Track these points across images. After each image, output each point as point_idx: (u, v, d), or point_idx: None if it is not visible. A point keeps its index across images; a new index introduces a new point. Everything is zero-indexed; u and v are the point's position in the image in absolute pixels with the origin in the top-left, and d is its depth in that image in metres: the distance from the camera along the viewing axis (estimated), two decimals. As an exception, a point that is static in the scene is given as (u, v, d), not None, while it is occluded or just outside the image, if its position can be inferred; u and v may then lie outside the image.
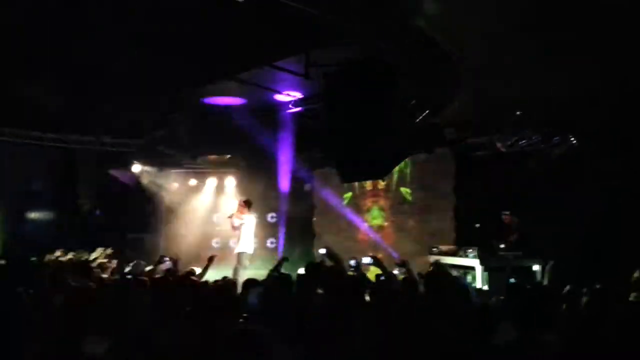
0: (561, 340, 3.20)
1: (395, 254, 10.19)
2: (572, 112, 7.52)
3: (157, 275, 5.89)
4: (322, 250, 6.09)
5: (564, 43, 5.64)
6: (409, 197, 10.91)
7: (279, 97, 8.81)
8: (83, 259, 7.71)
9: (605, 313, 3.88)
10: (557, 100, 7.23)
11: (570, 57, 5.98)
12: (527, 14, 5.10)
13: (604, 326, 3.37)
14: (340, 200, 11.86)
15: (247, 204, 9.68)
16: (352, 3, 5.18)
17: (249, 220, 9.58)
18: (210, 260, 6.46)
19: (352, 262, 5.85)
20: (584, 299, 4.24)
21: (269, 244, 12.40)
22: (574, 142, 7.88)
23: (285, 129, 9.91)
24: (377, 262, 5.62)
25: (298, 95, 8.68)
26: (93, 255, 8.01)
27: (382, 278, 5.45)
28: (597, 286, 4.28)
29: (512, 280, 7.14)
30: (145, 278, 5.41)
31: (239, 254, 9.23)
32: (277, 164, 11.41)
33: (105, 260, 7.66)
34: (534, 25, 5.33)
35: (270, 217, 12.63)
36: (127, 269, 6.74)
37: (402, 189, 10.94)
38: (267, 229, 12.22)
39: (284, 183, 11.99)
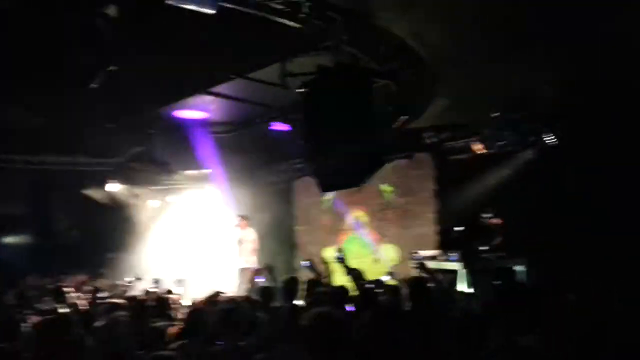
0: (546, 344, 3.18)
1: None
2: (549, 111, 7.61)
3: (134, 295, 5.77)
4: (306, 263, 6.07)
5: (539, 44, 5.70)
6: (389, 196, 10.87)
7: (257, 109, 8.75)
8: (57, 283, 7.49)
9: (590, 315, 3.87)
10: (533, 100, 7.31)
11: (544, 56, 6.05)
12: (499, 15, 5.15)
13: (590, 328, 3.35)
14: (321, 210, 11.82)
15: (245, 219, 9.70)
16: (327, 12, 5.18)
17: (250, 235, 9.50)
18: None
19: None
20: (569, 300, 4.24)
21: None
22: (550, 141, 7.96)
23: (263, 140, 9.88)
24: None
25: (274, 105, 8.63)
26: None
27: (367, 286, 5.43)
28: (581, 288, 4.28)
29: (496, 282, 7.13)
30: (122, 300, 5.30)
31: (243, 270, 9.10)
32: (256, 176, 11.35)
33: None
34: (508, 27, 5.37)
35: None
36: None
37: (382, 187, 10.89)
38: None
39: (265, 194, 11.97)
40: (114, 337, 3.81)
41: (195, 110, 8.75)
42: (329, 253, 10.36)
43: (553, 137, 7.89)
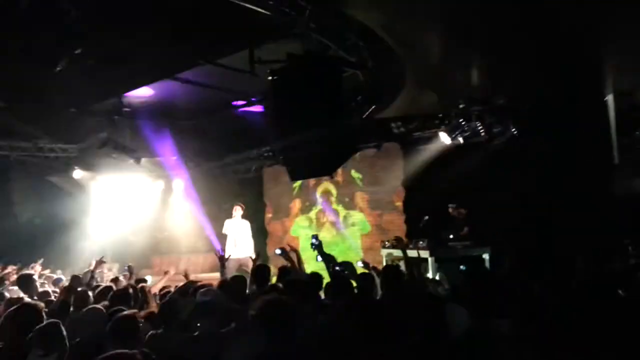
0: (514, 326, 3.27)
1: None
2: (513, 101, 7.77)
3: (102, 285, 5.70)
4: (278, 251, 6.08)
5: (503, 35, 5.80)
6: (360, 182, 10.94)
7: (225, 96, 8.65)
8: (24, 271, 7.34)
9: (554, 298, 4.00)
10: (498, 90, 7.45)
11: (510, 47, 6.17)
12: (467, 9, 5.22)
13: (555, 311, 3.46)
14: (291, 199, 11.83)
15: (242, 208, 9.81)
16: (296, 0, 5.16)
17: (246, 224, 9.72)
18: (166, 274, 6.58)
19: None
20: (535, 286, 4.36)
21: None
22: (515, 131, 8.13)
23: (232, 128, 9.80)
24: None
25: (246, 92, 8.56)
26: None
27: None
28: (546, 273, 4.41)
29: (462, 267, 7.27)
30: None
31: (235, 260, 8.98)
32: (224, 163, 11.26)
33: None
34: (475, 17, 5.45)
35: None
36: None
37: (353, 172, 10.95)
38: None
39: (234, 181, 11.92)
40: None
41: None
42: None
43: (516, 128, 8.06)
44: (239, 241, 9.57)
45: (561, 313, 3.37)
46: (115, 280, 6.94)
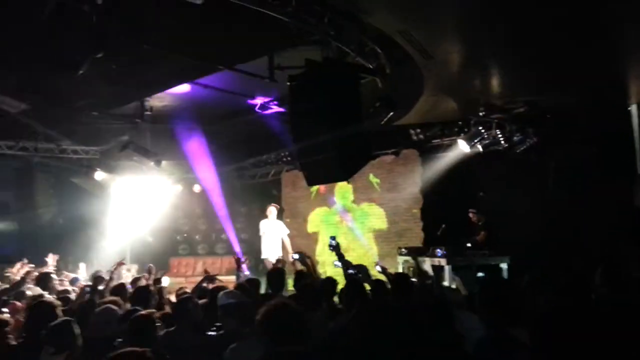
0: (530, 335, 3.23)
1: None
2: (533, 109, 7.70)
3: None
4: (295, 255, 6.06)
5: (524, 43, 5.75)
6: (378, 187, 10.91)
7: (246, 101, 8.73)
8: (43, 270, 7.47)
9: (569, 308, 3.93)
10: (518, 99, 7.39)
11: (529, 58, 6.11)
12: (488, 12, 5.18)
13: (571, 321, 3.41)
14: (309, 203, 11.86)
15: (278, 209, 9.92)
16: (314, 7, 5.19)
17: (283, 226, 9.87)
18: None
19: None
20: (554, 296, 4.30)
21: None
22: (534, 140, 8.05)
23: (251, 132, 9.87)
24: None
25: (265, 98, 8.62)
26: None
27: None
28: (561, 282, 4.34)
29: (480, 274, 7.20)
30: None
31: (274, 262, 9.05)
32: (242, 167, 11.35)
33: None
34: (495, 25, 5.41)
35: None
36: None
37: (371, 177, 10.93)
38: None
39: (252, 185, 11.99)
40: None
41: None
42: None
43: (537, 137, 7.98)
44: (275, 242, 9.59)
45: (581, 324, 3.32)
46: (135, 280, 7.04)
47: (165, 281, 6.99)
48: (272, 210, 9.87)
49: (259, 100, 8.54)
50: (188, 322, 3.94)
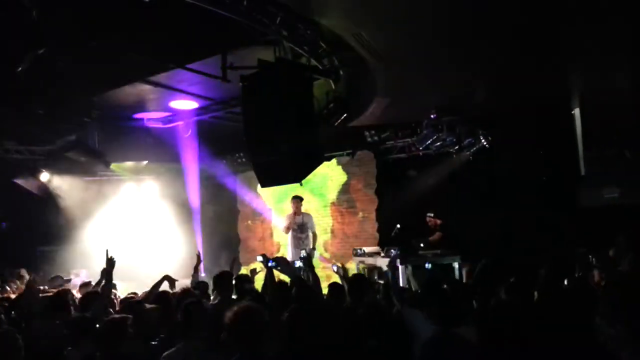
0: (478, 335, 3.29)
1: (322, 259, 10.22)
2: (484, 112, 7.90)
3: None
4: (259, 258, 5.95)
5: (476, 49, 5.89)
6: (333, 189, 10.90)
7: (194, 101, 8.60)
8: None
9: (517, 307, 4.03)
10: (470, 102, 7.55)
11: (482, 62, 6.26)
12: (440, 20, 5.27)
13: (518, 319, 3.49)
14: (263, 204, 11.77)
15: (300, 201, 9.10)
16: (267, 7, 5.15)
17: (310, 219, 9.29)
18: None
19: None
20: (500, 294, 4.39)
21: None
22: (485, 143, 8.24)
23: (205, 133, 9.71)
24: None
25: (217, 98, 8.51)
26: None
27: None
28: (510, 281, 4.45)
29: (428, 265, 7.26)
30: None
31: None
32: (197, 168, 11.16)
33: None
34: (447, 29, 5.51)
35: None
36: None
37: (326, 179, 10.93)
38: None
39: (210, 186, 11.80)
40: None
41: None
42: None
43: (487, 139, 8.18)
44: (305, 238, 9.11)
45: (525, 321, 3.40)
46: (85, 285, 6.84)
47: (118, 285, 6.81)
48: (299, 204, 9.24)
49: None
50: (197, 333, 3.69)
